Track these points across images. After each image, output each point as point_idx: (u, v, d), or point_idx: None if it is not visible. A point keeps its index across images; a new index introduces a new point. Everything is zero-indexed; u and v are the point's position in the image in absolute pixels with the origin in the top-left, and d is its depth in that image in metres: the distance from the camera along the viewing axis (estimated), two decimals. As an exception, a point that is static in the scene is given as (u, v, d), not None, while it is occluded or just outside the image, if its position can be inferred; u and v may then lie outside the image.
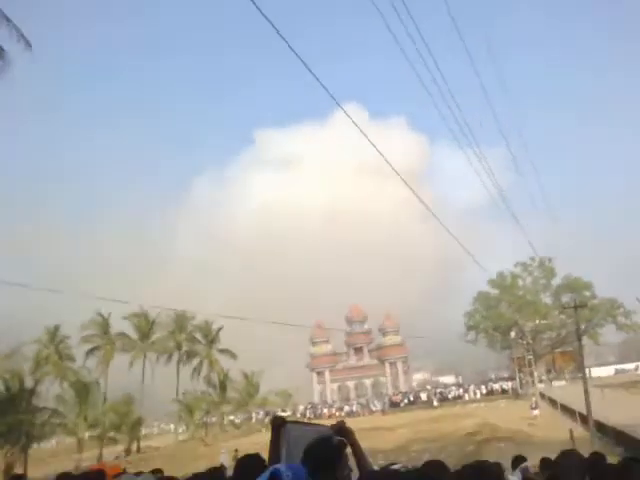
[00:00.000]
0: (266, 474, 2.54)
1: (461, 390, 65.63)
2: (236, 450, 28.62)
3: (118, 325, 56.67)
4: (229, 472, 4.13)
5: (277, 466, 2.60)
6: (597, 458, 5.26)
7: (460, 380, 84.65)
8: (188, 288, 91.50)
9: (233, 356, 60.16)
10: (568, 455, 3.52)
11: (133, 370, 56.23)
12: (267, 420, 61.20)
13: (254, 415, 63.52)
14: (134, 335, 57.83)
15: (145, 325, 57.55)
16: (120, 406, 45.50)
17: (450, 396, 63.25)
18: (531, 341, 64.60)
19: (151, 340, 58.41)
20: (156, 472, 6.01)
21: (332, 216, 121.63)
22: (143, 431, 53.87)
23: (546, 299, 65.67)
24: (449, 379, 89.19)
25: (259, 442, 34.64)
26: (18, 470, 34.65)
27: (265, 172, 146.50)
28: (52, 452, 49.77)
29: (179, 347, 60.35)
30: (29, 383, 40.51)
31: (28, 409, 37.71)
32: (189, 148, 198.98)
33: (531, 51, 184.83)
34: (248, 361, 62.59)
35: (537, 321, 64.56)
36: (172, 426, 60.83)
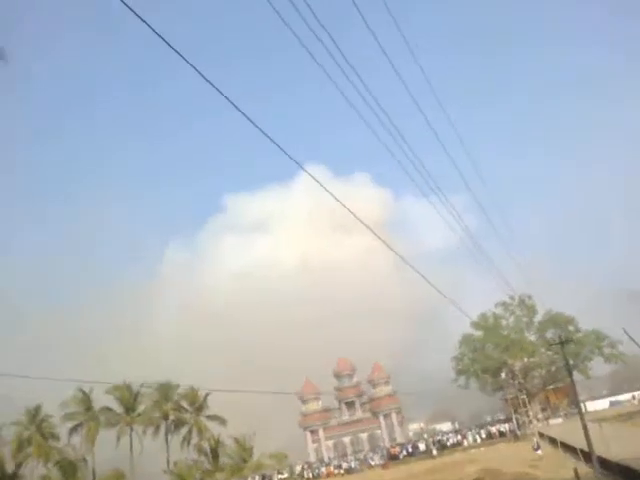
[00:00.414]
0: None
1: (459, 436, 64.54)
2: None
3: (101, 400, 55.05)
4: None
5: None
6: None
7: (457, 426, 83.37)
8: (169, 358, 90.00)
9: (223, 422, 58.48)
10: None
11: (121, 444, 54.31)
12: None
13: (249, 480, 61.48)
14: (118, 409, 56.09)
15: (129, 398, 55.95)
16: (110, 481, 43.70)
17: (449, 443, 62.11)
18: (522, 380, 64.37)
19: (136, 412, 56.67)
20: None
21: (304, 274, 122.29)
22: (135, 506, 51.63)
23: (531, 336, 65.93)
24: (445, 426, 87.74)
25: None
26: None
27: (237, 236, 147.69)
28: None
29: (166, 417, 58.52)
30: (10, 467, 38.87)
31: (11, 495, 36.01)
32: (160, 219, 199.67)
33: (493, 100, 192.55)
34: (238, 426, 60.94)
35: (525, 359, 64.54)
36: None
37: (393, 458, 60.40)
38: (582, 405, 40.47)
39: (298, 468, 68.72)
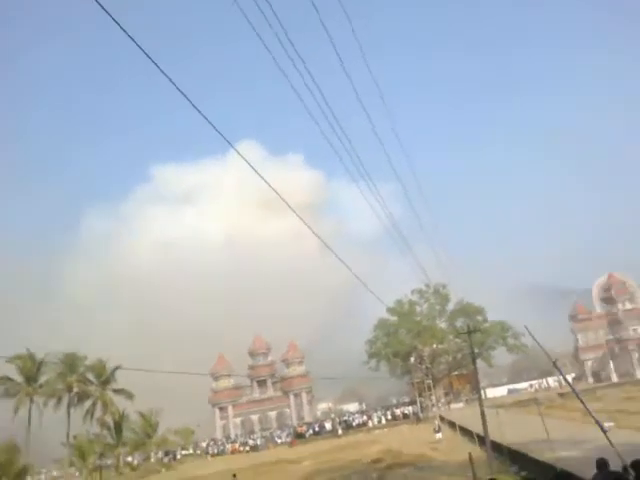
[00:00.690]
0: None
1: (365, 417, 66.13)
2: None
3: (1, 369, 52.12)
4: None
5: None
6: None
7: (364, 407, 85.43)
8: (83, 326, 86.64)
9: (130, 396, 56.91)
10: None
11: (19, 416, 51.67)
12: (167, 460, 58.41)
13: (152, 455, 60.34)
14: (19, 378, 53.29)
15: (31, 367, 53.23)
16: (0, 454, 41.36)
17: (354, 424, 63.50)
18: (430, 365, 66.54)
19: (38, 383, 54.04)
20: None
21: (233, 250, 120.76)
22: (29, 480, 49.50)
23: (442, 324, 68.21)
24: (353, 406, 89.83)
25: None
26: None
27: (164, 207, 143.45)
28: None
29: (69, 389, 56.23)
30: None
31: None
32: (79, 185, 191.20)
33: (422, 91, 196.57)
34: (148, 401, 59.57)
35: (435, 346, 66.71)
36: (70, 470, 55.91)
37: (300, 436, 61.09)
38: (482, 392, 42.37)
39: (203, 444, 68.26)
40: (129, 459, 59.28)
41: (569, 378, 57.11)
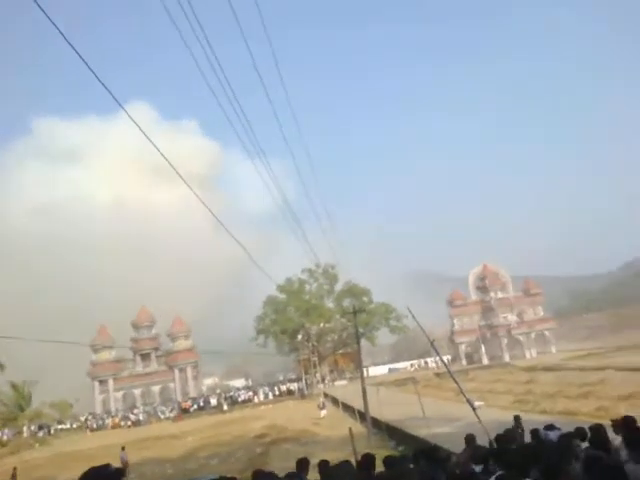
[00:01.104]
0: None
1: (251, 393, 66.77)
2: (14, 468, 25.31)
3: None
4: None
5: None
6: (366, 460, 5.85)
7: (250, 383, 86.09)
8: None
9: (0, 367, 53.42)
10: (342, 465, 3.69)
11: None
12: (41, 434, 55.64)
13: (25, 430, 57.22)
14: None
15: None
16: None
17: (240, 399, 63.93)
18: (316, 343, 68.39)
19: None
20: None
21: (118, 217, 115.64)
22: None
23: (329, 304, 70.18)
24: (239, 382, 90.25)
25: (30, 459, 31.38)
26: None
27: (44, 165, 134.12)
28: None
29: None
30: None
31: None
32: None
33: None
34: (18, 370, 56.16)
35: (322, 324, 68.58)
36: None
37: (184, 412, 60.56)
38: (365, 370, 44.18)
39: (82, 419, 65.73)
40: (-1, 434, 55.84)
41: (445, 359, 61.10)
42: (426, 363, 76.95)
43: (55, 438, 54.16)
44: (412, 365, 78.56)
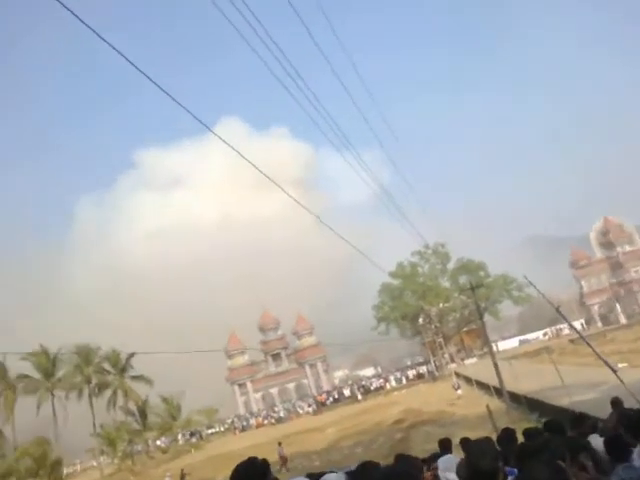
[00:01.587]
0: None
1: (382, 380, 67.44)
2: (182, 470, 27.88)
3: (17, 368, 53.10)
4: None
5: None
6: (506, 434, 5.89)
7: (379, 370, 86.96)
8: (86, 322, 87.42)
9: (149, 382, 58.07)
10: (483, 441, 3.84)
11: (43, 411, 52.90)
12: (194, 440, 59.92)
13: (180, 437, 61.94)
14: (37, 375, 54.30)
15: (46, 363, 54.17)
16: (33, 449, 42.66)
17: (372, 387, 64.76)
18: (438, 324, 67.70)
19: (56, 377, 55.10)
20: None
21: (227, 230, 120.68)
22: (65, 471, 50.90)
23: (445, 283, 69.19)
24: (368, 371, 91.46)
25: (190, 463, 34.02)
26: None
27: (151, 193, 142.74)
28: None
29: (88, 380, 57.30)
30: None
31: None
32: (65, 177, 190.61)
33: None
34: (165, 385, 60.81)
35: (440, 305, 67.74)
36: (100, 460, 57.24)
37: (320, 405, 62.39)
38: (493, 345, 43.32)
39: (228, 421, 69.83)
40: (158, 443, 60.86)
41: (577, 324, 58.32)
42: (560, 330, 73.65)
43: (207, 442, 58.11)
44: (545, 334, 75.47)
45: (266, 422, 61.67)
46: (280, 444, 27.82)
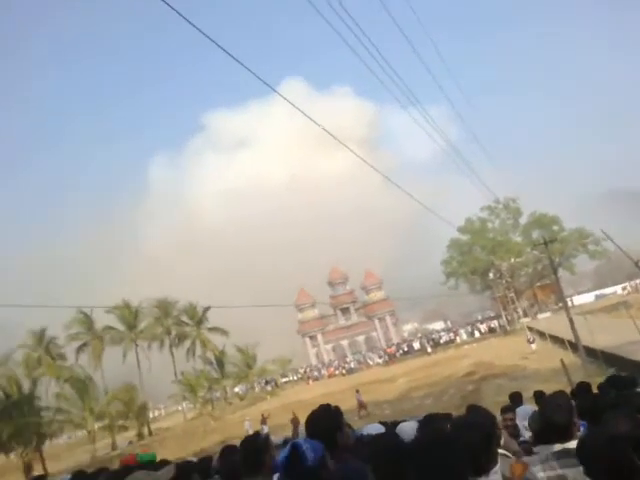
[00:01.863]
0: (287, 448, 2.68)
1: (452, 334, 67.36)
2: (263, 414, 29.43)
3: (103, 320, 56.77)
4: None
5: (297, 440, 2.75)
6: (582, 388, 5.86)
7: (449, 325, 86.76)
8: (163, 277, 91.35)
9: (224, 333, 60.69)
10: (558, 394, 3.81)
11: (128, 360, 56.61)
12: (269, 388, 62.63)
13: (256, 385, 64.91)
14: (121, 327, 57.81)
15: (129, 316, 57.41)
16: (122, 394, 46.04)
17: (442, 341, 64.86)
18: (510, 279, 66.34)
19: (139, 329, 58.46)
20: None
21: (295, 188, 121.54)
22: (150, 415, 54.67)
23: (516, 238, 67.31)
24: (438, 325, 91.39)
25: (265, 409, 35.66)
26: (37, 468, 35.70)
27: (220, 155, 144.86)
28: (67, 447, 50.59)
29: (168, 332, 60.48)
30: (26, 386, 40.76)
31: (32, 410, 38.10)
32: (137, 138, 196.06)
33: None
34: (240, 336, 63.43)
35: (512, 260, 66.17)
36: (183, 405, 60.82)
37: (390, 357, 63.24)
38: (568, 300, 42.21)
39: (301, 371, 72.29)
40: (235, 390, 64.03)
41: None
42: (637, 285, 70.50)
43: (281, 390, 60.58)
44: (624, 288, 72.48)
45: (337, 372, 63.27)
46: (358, 391, 28.68)
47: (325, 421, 3.11)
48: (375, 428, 5.36)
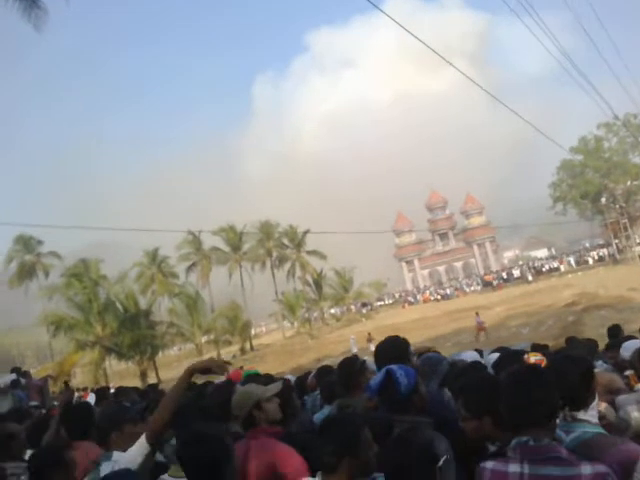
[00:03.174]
0: (382, 373, 2.78)
1: (555, 262, 64.79)
2: (369, 333, 30.37)
3: (209, 241, 59.98)
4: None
5: (391, 366, 2.82)
6: None
7: (553, 252, 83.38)
8: (265, 200, 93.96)
9: (322, 257, 62.22)
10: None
11: (233, 280, 60.04)
12: (364, 310, 64.18)
13: (352, 307, 66.72)
14: (226, 248, 60.83)
15: (234, 237, 60.12)
16: (227, 312, 49.12)
17: (544, 269, 62.67)
18: (624, 204, 62.15)
19: (243, 251, 61.26)
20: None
21: (399, 108, 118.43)
22: (252, 331, 58.10)
23: (635, 159, 62.36)
24: (542, 252, 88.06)
25: (361, 330, 36.75)
26: (150, 375, 39.52)
27: (323, 77, 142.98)
28: (176, 358, 55.18)
29: (269, 254, 62.92)
30: (141, 302, 44.34)
31: (147, 324, 41.59)
32: (243, 59, 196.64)
33: None
34: (337, 260, 64.95)
35: (628, 183, 61.74)
36: (282, 324, 63.81)
37: (487, 285, 62.15)
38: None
39: (396, 295, 73.13)
40: (332, 311, 66.29)
41: None
42: None
43: (376, 313, 61.85)
44: None
45: (432, 298, 63.38)
46: (477, 314, 28.43)
47: (392, 351, 3.19)
48: (470, 355, 5.37)
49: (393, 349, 3.23)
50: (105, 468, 2.85)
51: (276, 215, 65.87)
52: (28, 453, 3.84)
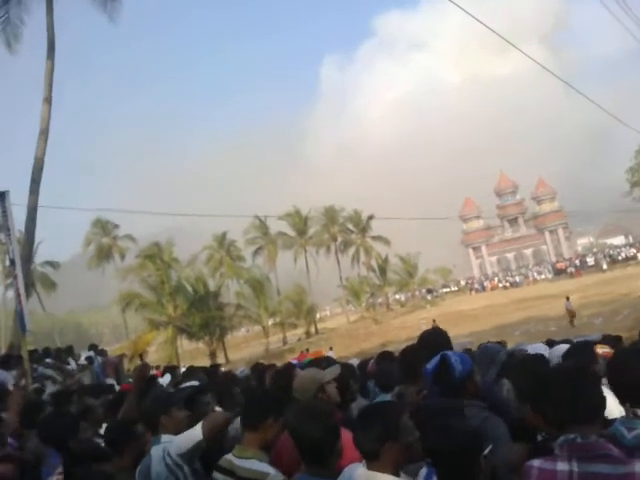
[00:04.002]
0: (437, 358, 2.80)
1: (634, 250, 61.65)
2: (434, 320, 30.10)
3: (275, 226, 60.93)
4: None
5: (447, 352, 2.83)
6: None
7: (630, 240, 79.37)
8: (330, 183, 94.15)
9: (387, 242, 61.95)
10: None
11: (298, 264, 60.80)
12: (429, 297, 63.53)
13: (417, 293, 66.22)
14: (291, 233, 61.55)
15: (300, 222, 60.73)
16: (293, 295, 49.97)
17: (620, 257, 59.83)
18: None
19: (308, 235, 61.82)
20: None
21: (469, 95, 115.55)
22: (317, 315, 58.76)
23: None
24: (618, 240, 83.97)
25: (425, 317, 36.49)
26: (219, 355, 40.86)
27: (391, 61, 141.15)
28: (244, 339, 56.78)
29: (334, 239, 63.23)
30: (210, 284, 45.66)
31: (216, 306, 42.83)
32: (311, 42, 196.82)
33: None
34: (402, 246, 64.51)
35: None
36: (347, 308, 64.12)
37: (559, 273, 60.06)
38: None
39: (462, 282, 71.90)
40: (396, 297, 66.01)
41: None
42: None
43: (441, 300, 61.11)
44: None
45: (500, 285, 61.90)
46: (568, 299, 27.56)
47: (435, 342, 3.23)
48: (537, 348, 5.29)
49: (433, 341, 3.29)
50: (155, 452, 3.01)
51: (342, 200, 66.05)
52: (104, 427, 4.17)
